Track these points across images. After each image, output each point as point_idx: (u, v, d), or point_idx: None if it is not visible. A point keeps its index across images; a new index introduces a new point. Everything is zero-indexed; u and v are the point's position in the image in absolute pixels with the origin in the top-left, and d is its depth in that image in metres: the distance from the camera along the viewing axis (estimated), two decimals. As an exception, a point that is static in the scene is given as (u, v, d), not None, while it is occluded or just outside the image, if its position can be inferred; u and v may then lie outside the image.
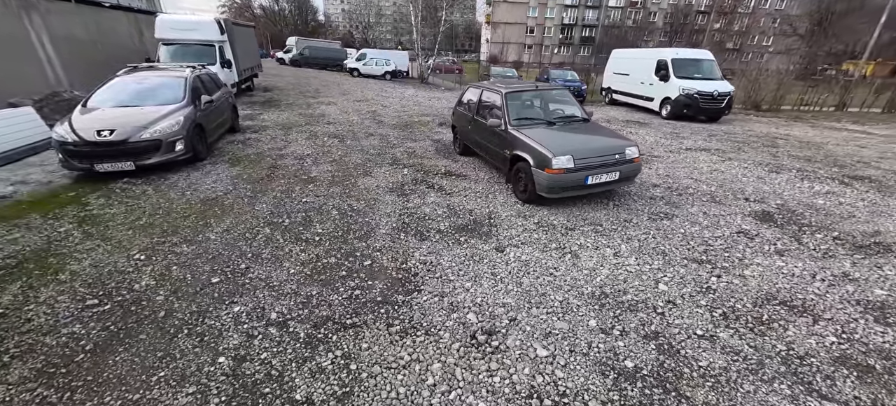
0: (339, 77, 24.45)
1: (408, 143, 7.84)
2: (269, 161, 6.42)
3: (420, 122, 10.31)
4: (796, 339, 2.64)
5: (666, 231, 4.20)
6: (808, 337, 2.66)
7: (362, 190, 5.22)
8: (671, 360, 2.44)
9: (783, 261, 3.66)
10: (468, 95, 6.54)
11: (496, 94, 5.53)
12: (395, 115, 11.29)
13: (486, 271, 3.36)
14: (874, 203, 5.17)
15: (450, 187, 5.37)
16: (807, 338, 2.65)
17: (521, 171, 4.77)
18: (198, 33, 11.52)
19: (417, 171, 6.04)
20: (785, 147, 8.54)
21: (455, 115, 6.94)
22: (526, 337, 2.58)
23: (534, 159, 4.46)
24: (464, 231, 4.10)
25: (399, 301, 2.92)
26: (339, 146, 7.49)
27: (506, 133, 5.05)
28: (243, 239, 3.81)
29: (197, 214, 4.33)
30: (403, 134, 8.74)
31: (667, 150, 7.94)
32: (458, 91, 19.34)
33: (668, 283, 3.27)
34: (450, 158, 6.82)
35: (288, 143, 7.65)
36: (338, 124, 9.58)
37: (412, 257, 3.55)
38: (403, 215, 4.43)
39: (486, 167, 6.27)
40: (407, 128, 9.46)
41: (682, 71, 12.40)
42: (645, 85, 13.68)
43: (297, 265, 3.38)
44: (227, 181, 5.40)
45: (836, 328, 2.75)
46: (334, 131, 8.79)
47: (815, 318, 2.87)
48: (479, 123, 5.89)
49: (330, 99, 14.11)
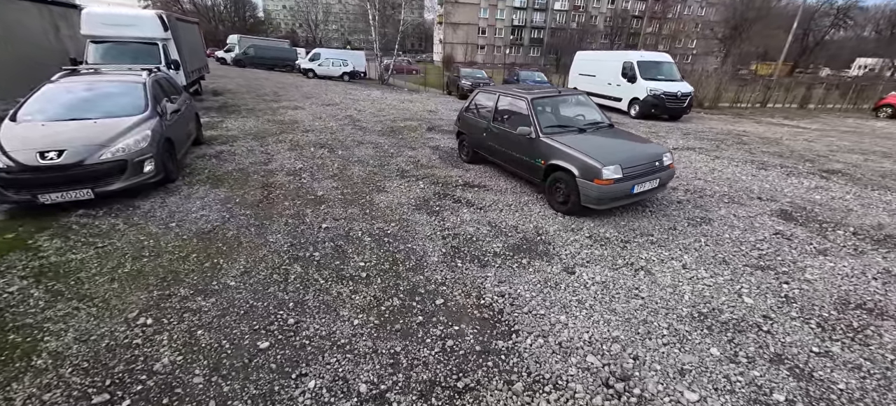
0: (293, 78, 22.82)
1: (406, 152, 7.30)
2: (259, 179, 5.56)
3: (407, 127, 9.75)
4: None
5: (712, 237, 4.20)
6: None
7: (384, 209, 4.66)
8: (812, 386, 2.30)
9: (830, 261, 3.79)
10: (481, 101, 6.19)
11: (520, 101, 5.24)
12: (376, 120, 10.61)
13: (570, 299, 3.05)
14: (859, 196, 5.68)
15: (478, 201, 4.99)
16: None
17: (561, 182, 4.53)
18: (136, 30, 9.90)
19: (434, 184, 5.57)
20: (752, 144, 9.28)
21: (462, 121, 6.56)
22: (662, 378, 2.31)
23: (579, 170, 4.23)
24: (521, 252, 3.75)
25: (502, 349, 2.51)
26: (331, 157, 6.76)
27: (538, 142, 4.78)
28: (273, 282, 3.13)
29: (198, 254, 3.51)
30: (396, 141, 8.16)
31: (657, 151, 8.23)
32: (423, 93, 18.94)
33: (751, 295, 3.19)
34: (460, 167, 6.42)
35: (270, 155, 6.75)
36: (317, 132, 8.72)
37: (485, 290, 3.13)
38: (447, 238, 3.98)
39: (503, 176, 5.97)
40: (396, 134, 8.87)
41: (646, 73, 13.10)
42: (612, 86, 14.28)
43: (357, 312, 2.81)
44: (218, 207, 4.54)
45: (924, 330, 2.83)
46: (317, 140, 7.96)
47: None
48: (497, 131, 5.57)
49: (295, 103, 12.97)
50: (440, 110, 13.06)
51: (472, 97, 6.37)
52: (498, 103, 5.65)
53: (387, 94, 17.23)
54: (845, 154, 8.51)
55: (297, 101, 13.39)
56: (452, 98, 17.30)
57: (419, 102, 14.96)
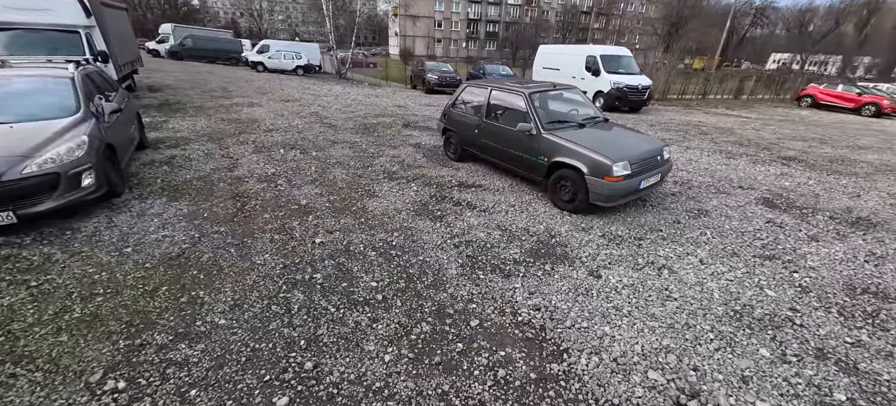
0: (241, 72, 21.01)
1: (387, 151, 6.82)
2: (227, 188, 4.85)
3: (380, 124, 9.21)
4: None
5: (715, 229, 4.27)
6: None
7: (381, 216, 4.23)
8: (862, 379, 2.31)
9: (823, 247, 3.99)
10: (468, 96, 5.89)
11: (516, 96, 5.02)
12: (344, 117, 9.93)
13: (606, 307, 2.88)
14: (819, 181, 6.17)
15: (478, 202, 4.71)
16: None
17: (566, 180, 4.38)
18: (52, 15, 8.37)
19: (427, 186, 5.20)
20: (712, 134, 9.88)
21: (448, 117, 6.22)
22: (729, 388, 2.19)
23: (588, 167, 4.10)
24: (540, 257, 3.53)
25: (559, 374, 2.26)
26: (306, 160, 6.13)
27: (539, 138, 4.59)
28: (273, 316, 2.64)
29: (169, 286, 2.90)
30: (373, 140, 7.63)
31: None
32: (386, 88, 18.24)
33: (771, 287, 3.23)
34: (449, 166, 6.10)
35: (234, 159, 5.97)
36: (283, 131, 7.94)
37: (518, 304, 2.87)
38: (460, 246, 3.66)
39: (497, 174, 5.74)
40: (370, 132, 8.32)
41: (609, 66, 13.55)
42: (576, 79, 14.60)
43: (384, 345, 2.42)
44: (183, 225, 3.85)
45: (926, 310, 3.00)
46: (285, 140, 7.23)
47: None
48: (491, 127, 5.31)
49: (250, 99, 11.84)
50: (410, 105, 12.58)
51: (459, 92, 6.05)
52: (490, 99, 5.38)
53: (349, 90, 16.35)
54: (791, 141, 9.32)
55: (252, 98, 12.23)
56: (418, 92, 16.81)
57: (385, 97, 14.32)
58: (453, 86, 16.05)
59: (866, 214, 4.86)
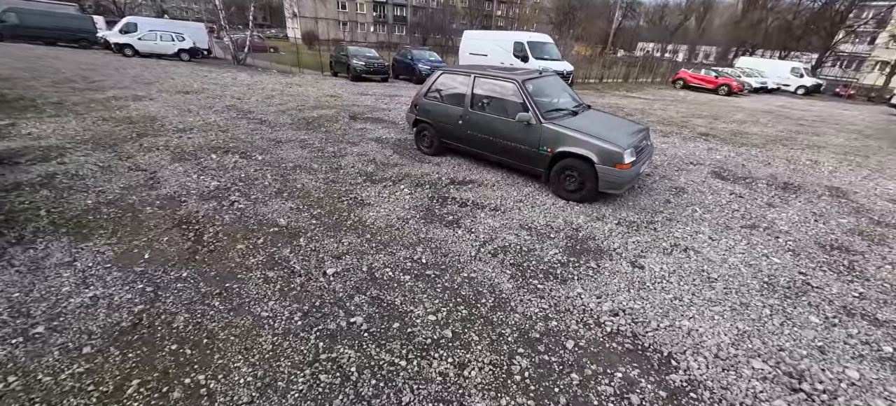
0: (102, 57, 16.74)
1: (350, 149, 5.98)
2: (159, 213, 3.64)
3: (322, 117, 8.08)
4: (885, 272, 3.35)
5: (700, 205, 4.65)
6: (884, 267, 3.42)
7: (388, 229, 3.60)
8: (889, 328, 2.65)
9: (781, 211, 4.63)
10: (445, 85, 5.40)
11: (507, 83, 4.73)
12: (273, 110, 8.50)
13: (669, 298, 2.84)
14: (737, 153, 7.27)
15: (484, 200, 4.36)
16: (885, 268, 3.40)
17: (572, 169, 4.30)
18: None
19: (418, 186, 4.65)
20: (635, 115, 11.02)
21: (421, 108, 5.65)
22: (818, 362, 2.30)
23: (598, 156, 4.05)
24: (580, 254, 3.37)
25: (683, 385, 2.10)
26: (255, 166, 5.00)
27: (539, 128, 4.40)
28: (329, 392, 1.96)
29: (141, 378, 1.96)
30: (324, 137, 6.62)
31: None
32: (301, 75, 16.38)
33: (773, 254, 3.59)
34: (427, 161, 5.58)
35: (149, 172, 4.57)
36: (201, 131, 6.41)
37: (596, 312, 2.64)
38: (497, 254, 3.28)
39: (482, 166, 5.43)
40: (316, 128, 7.24)
41: (535, 52, 14.16)
42: (505, 65, 14.96)
43: (495, 395, 1.97)
44: (119, 276, 2.72)
45: (885, 250, 3.65)
46: (211, 143, 5.83)
47: (861, 252, 3.71)
48: (477, 118, 4.96)
49: (133, 91, 9.39)
50: (343, 95, 11.39)
51: (433, 81, 5.52)
52: (474, 87, 5.00)
53: (259, 78, 14.16)
54: (694, 119, 10.92)
55: (135, 89, 9.70)
56: (342, 80, 15.37)
57: (309, 87, 12.75)
58: (381, 73, 15.10)
59: (787, 179, 5.85)
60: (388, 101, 10.76)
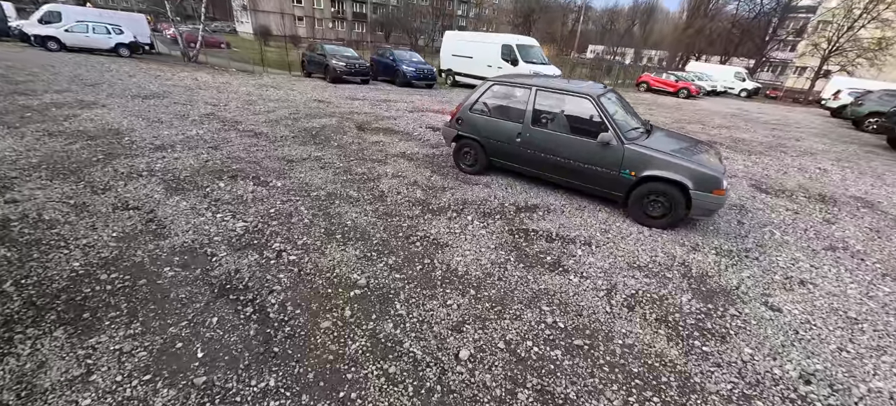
0: (19, 51, 14.10)
1: (379, 168, 5.20)
2: (189, 278, 2.73)
3: (323, 128, 7.14)
4: None
5: (773, 226, 4.51)
6: None
7: (490, 280, 2.98)
8: None
9: (841, 227, 4.62)
10: (497, 98, 4.83)
11: (580, 99, 4.26)
12: (264, 120, 7.40)
13: (833, 350, 2.54)
14: (754, 162, 7.44)
15: (566, 231, 3.87)
16: None
17: (659, 194, 3.94)
18: None
19: (487, 217, 4.04)
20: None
21: (467, 123, 5.03)
22: None
23: (694, 181, 3.72)
24: (711, 299, 2.99)
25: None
26: (278, 197, 4.11)
27: (622, 149, 4.00)
28: None
29: None
30: (340, 153, 5.77)
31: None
32: (269, 76, 14.90)
33: (881, 283, 3.47)
34: (475, 182, 4.97)
35: (145, 212, 3.54)
36: (186, 148, 5.32)
37: (785, 379, 2.25)
38: (633, 307, 2.80)
39: (539, 187, 4.94)
40: (324, 141, 6.33)
41: (525, 56, 13.94)
42: (493, 68, 14.61)
43: None
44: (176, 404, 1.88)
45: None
46: (205, 165, 4.80)
47: None
48: (541, 137, 4.45)
49: (77, 96, 7.76)
50: (332, 100, 10.34)
51: (481, 93, 4.92)
52: (535, 102, 4.49)
53: (224, 80, 12.56)
54: (688, 125, 11.25)
55: (77, 93, 8.03)
56: (319, 82, 14.08)
57: (289, 90, 11.48)
58: (362, 74, 14.09)
59: (815, 190, 5.99)
60: (387, 107, 9.92)
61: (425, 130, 7.58)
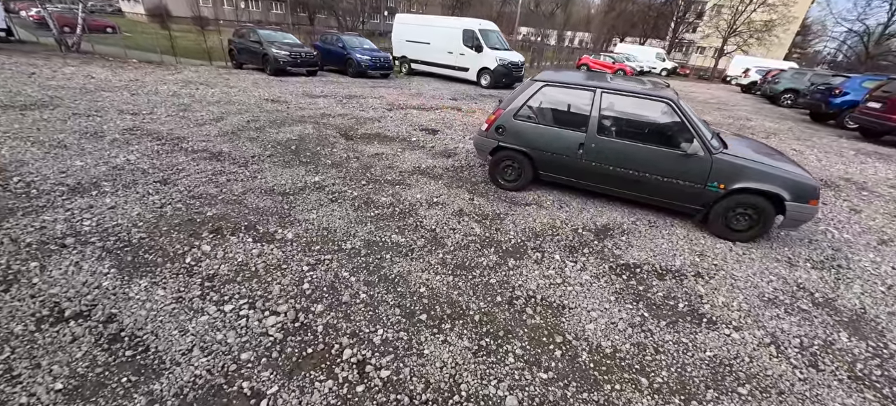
0: None
1: (404, 193, 4.18)
2: None
3: (302, 140, 5.75)
4: None
5: (826, 223, 4.49)
6: None
7: (646, 355, 2.31)
8: None
9: (869, 217, 4.79)
10: (554, 101, 4.06)
11: (656, 102, 3.69)
12: (213, 132, 5.76)
13: None
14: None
15: (665, 261, 3.33)
16: None
17: (747, 207, 3.59)
18: None
19: (574, 252, 3.34)
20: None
21: (510, 133, 4.20)
22: None
23: (792, 192, 3.41)
24: (863, 326, 2.68)
25: None
26: (301, 257, 2.95)
27: (709, 160, 3.54)
28: None
29: None
30: (342, 175, 4.59)
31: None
32: (187, 70, 12.33)
33: None
34: (520, 201, 4.22)
35: (99, 317, 2.21)
36: (123, 188, 3.75)
37: None
38: (820, 370, 2.34)
39: (596, 200, 4.35)
40: (310, 158, 5.04)
41: (488, 41, 13.26)
42: (454, 55, 13.74)
43: None
44: None
45: None
46: (164, 213, 3.38)
47: None
48: (610, 147, 3.81)
49: None
50: (288, 98, 8.64)
51: (528, 96, 4.10)
52: (600, 107, 3.83)
53: (129, 75, 9.89)
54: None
55: None
56: (257, 74, 11.86)
57: (221, 87, 9.38)
58: (310, 65, 12.25)
59: (815, 175, 6.29)
60: (357, 105, 8.56)
61: (422, 134, 6.56)
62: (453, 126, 7.29)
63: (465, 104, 9.82)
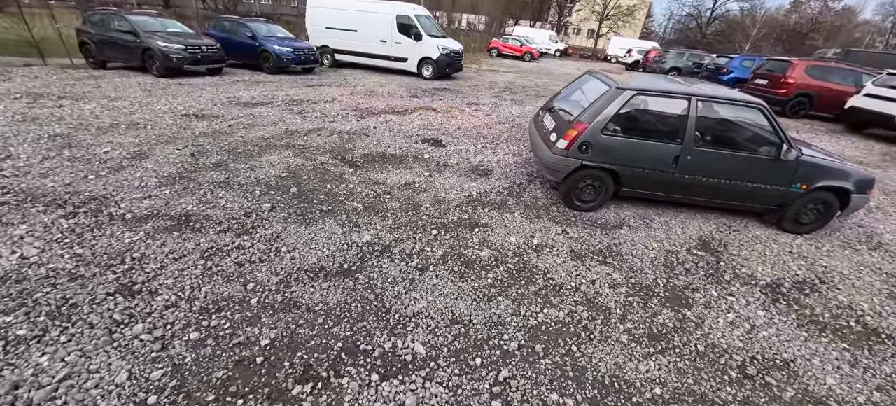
0: None
1: (502, 243, 3.35)
2: None
3: (288, 171, 4.27)
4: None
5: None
6: None
7: None
8: None
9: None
10: (644, 111, 3.66)
11: (749, 109, 3.58)
12: (145, 180, 3.88)
13: None
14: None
15: (796, 273, 3.30)
16: None
17: (817, 203, 3.80)
18: None
19: (710, 277, 3.06)
20: (534, 93, 11.40)
21: (597, 149, 3.63)
22: None
23: (856, 185, 3.68)
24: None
25: None
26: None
27: (795, 163, 3.60)
28: None
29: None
30: (389, 226, 3.49)
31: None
32: (32, 74, 8.58)
33: None
34: (617, 226, 3.79)
35: None
36: (128, 279, 2.15)
37: None
38: None
39: (672, 210, 4.15)
40: (319, 201, 3.74)
41: (426, 29, 12.30)
42: (388, 44, 12.43)
43: None
44: None
45: None
46: (180, 381, 2.02)
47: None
48: (710, 157, 3.58)
49: None
50: (215, 111, 6.48)
51: (615, 108, 3.54)
52: (696, 116, 3.55)
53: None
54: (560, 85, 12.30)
55: None
56: (145, 78, 8.70)
57: (98, 101, 6.55)
58: (215, 62, 9.64)
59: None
60: (316, 114, 6.92)
61: (429, 148, 5.56)
62: (448, 132, 6.43)
63: (431, 101, 8.90)
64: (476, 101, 9.29)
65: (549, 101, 4.71)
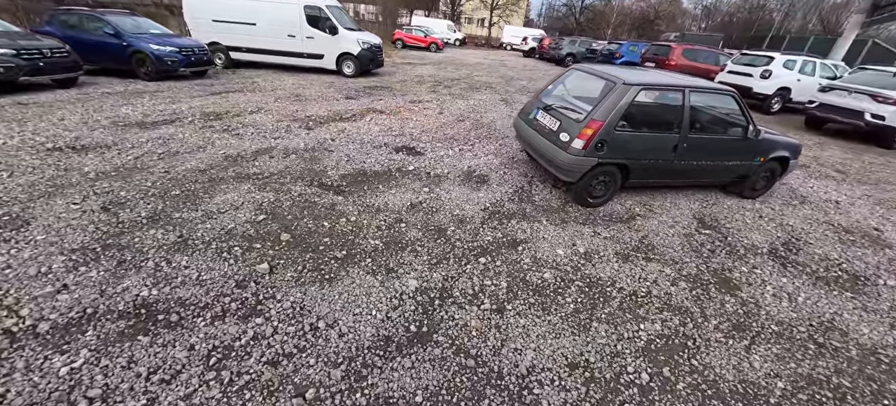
0: None
1: (538, 255, 3.12)
2: None
3: (284, 204, 3.34)
4: None
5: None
6: None
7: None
8: None
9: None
10: (647, 105, 3.81)
11: (724, 96, 4.00)
12: (81, 241, 2.62)
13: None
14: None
15: (779, 236, 3.82)
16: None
17: (768, 170, 4.51)
18: None
19: (737, 256, 3.36)
20: (462, 87, 11.51)
21: (612, 146, 3.60)
22: None
23: (792, 152, 4.47)
24: None
25: None
26: None
27: (757, 139, 4.16)
28: None
29: None
30: (432, 249, 2.99)
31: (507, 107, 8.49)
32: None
33: (822, 183, 5.56)
34: (633, 218, 3.90)
35: None
36: None
37: None
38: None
39: (663, 194, 4.45)
40: (339, 244, 3.04)
41: (341, 22, 11.19)
42: (298, 39, 10.97)
43: None
44: None
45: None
46: None
47: None
48: (701, 142, 3.93)
49: None
50: (95, 135, 4.72)
51: (622, 104, 3.53)
52: (690, 105, 3.80)
53: None
54: (518, 81, 12.78)
55: None
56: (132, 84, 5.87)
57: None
58: (65, 70, 7.22)
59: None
60: (249, 133, 5.62)
61: (408, 157, 4.99)
62: (415, 136, 5.90)
63: (371, 102, 8.12)
64: (418, 99, 8.80)
65: (536, 98, 4.61)
